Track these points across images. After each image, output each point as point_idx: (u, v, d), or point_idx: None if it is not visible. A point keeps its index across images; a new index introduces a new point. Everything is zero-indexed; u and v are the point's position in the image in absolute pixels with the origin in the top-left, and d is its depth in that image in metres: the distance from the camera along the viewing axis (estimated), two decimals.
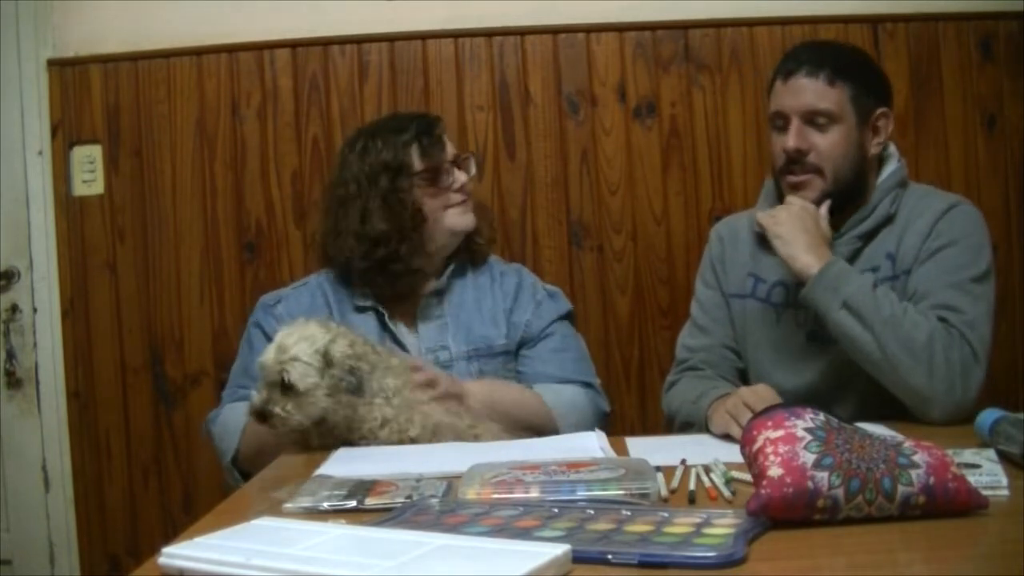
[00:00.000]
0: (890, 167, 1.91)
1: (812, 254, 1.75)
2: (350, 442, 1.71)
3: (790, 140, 1.83)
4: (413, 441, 1.72)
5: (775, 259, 1.86)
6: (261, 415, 1.67)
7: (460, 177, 2.05)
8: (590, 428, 1.79)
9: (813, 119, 1.82)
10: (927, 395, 1.67)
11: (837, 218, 1.85)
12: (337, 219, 2.05)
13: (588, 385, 2.07)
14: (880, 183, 1.89)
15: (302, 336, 1.68)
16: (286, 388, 1.65)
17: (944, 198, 1.89)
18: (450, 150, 2.07)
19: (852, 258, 1.85)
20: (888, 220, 1.86)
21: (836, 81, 1.81)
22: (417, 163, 2.02)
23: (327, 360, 1.67)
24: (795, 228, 1.77)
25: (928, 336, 1.68)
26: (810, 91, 1.82)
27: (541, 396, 1.98)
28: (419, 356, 1.98)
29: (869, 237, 1.86)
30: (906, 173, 1.92)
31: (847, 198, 1.85)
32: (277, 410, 1.65)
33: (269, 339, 1.83)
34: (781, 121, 1.86)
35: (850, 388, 1.81)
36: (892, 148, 1.93)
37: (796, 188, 1.86)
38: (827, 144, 1.82)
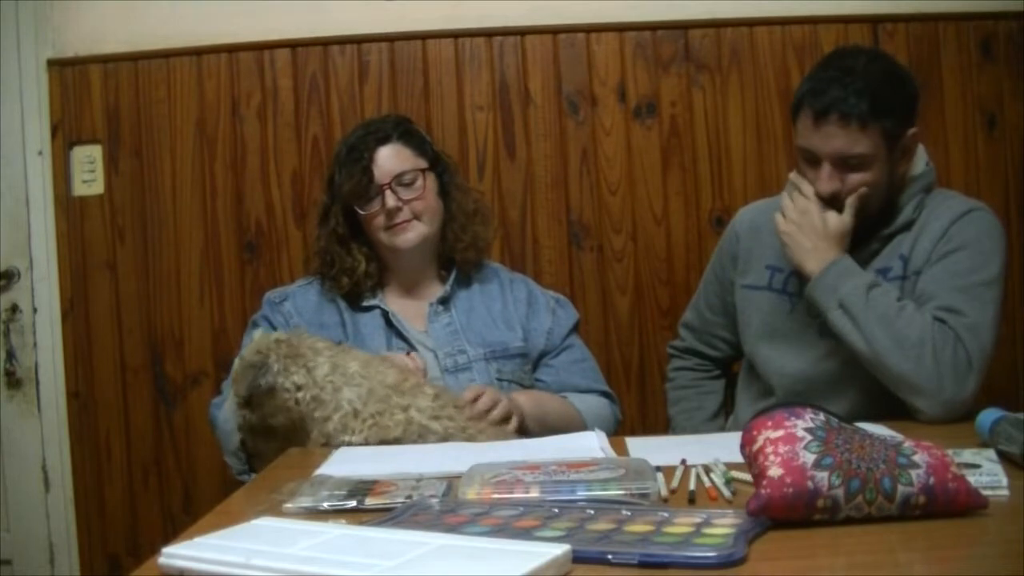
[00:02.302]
0: (917, 170, 1.88)
1: (816, 256, 1.77)
2: (327, 436, 1.72)
3: (823, 185, 1.78)
4: (397, 441, 1.72)
5: None
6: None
7: (389, 201, 2.00)
8: (610, 435, 1.81)
9: (845, 161, 1.77)
10: (916, 388, 1.68)
11: (864, 226, 1.84)
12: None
13: (606, 394, 2.13)
14: (906, 187, 1.87)
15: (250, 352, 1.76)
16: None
17: (962, 203, 1.88)
18: (387, 170, 2.01)
19: (870, 259, 1.85)
20: (908, 225, 1.85)
21: (869, 124, 1.74)
22: (346, 185, 2.02)
23: (234, 376, 1.74)
24: (801, 231, 1.79)
25: (920, 334, 1.69)
26: (842, 139, 1.75)
27: (576, 406, 2.02)
28: (433, 358, 1.99)
29: (888, 240, 1.85)
30: (933, 178, 1.90)
31: (877, 217, 1.84)
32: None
33: (277, 331, 1.90)
34: (811, 156, 1.80)
35: (856, 380, 1.81)
36: (920, 151, 1.90)
37: None
38: (861, 181, 1.78)
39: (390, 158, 2.03)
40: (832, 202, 1.81)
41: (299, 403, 1.71)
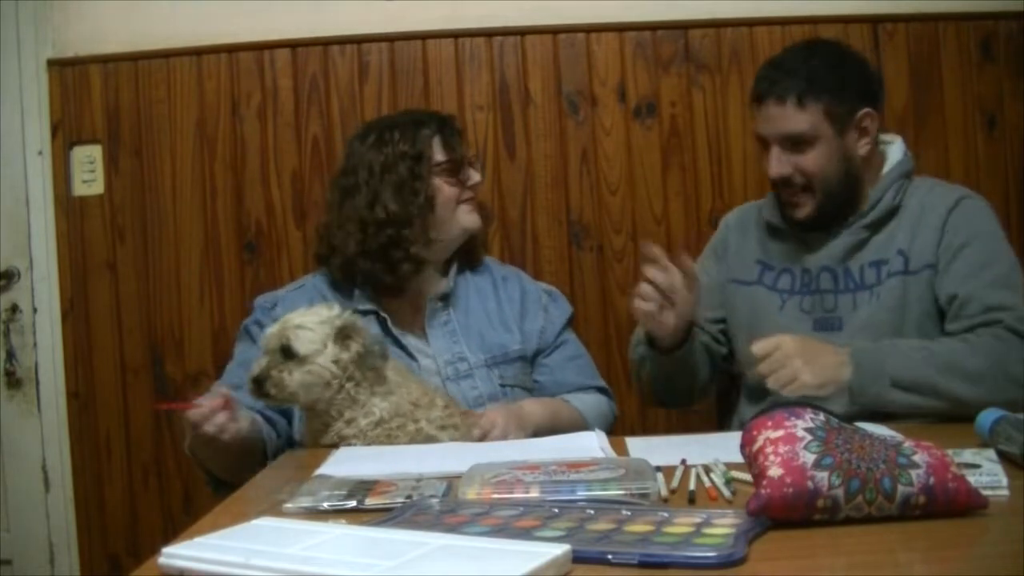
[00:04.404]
0: (895, 157, 1.91)
1: (832, 367, 1.67)
2: (341, 437, 1.72)
3: (772, 168, 1.86)
4: None
5: (784, 246, 1.92)
6: (257, 382, 1.68)
7: (474, 176, 2.07)
8: (610, 432, 1.82)
9: (791, 142, 1.83)
10: (1013, 403, 1.60)
11: (836, 219, 1.88)
12: (342, 209, 2.02)
13: (603, 390, 2.11)
14: (885, 174, 1.89)
15: (308, 311, 1.73)
16: (288, 355, 1.67)
17: (950, 191, 1.90)
18: (464, 148, 2.09)
19: (857, 248, 1.85)
20: (893, 212, 1.86)
21: (805, 102, 1.80)
22: (439, 154, 2.02)
23: (344, 332, 1.70)
24: (804, 355, 1.66)
25: (987, 359, 1.66)
26: (781, 118, 1.82)
27: (580, 409, 2.00)
28: (433, 365, 1.97)
29: (875, 227, 1.86)
30: (912, 165, 1.92)
31: (843, 202, 1.87)
32: (274, 373, 1.67)
33: None
34: (763, 142, 1.88)
35: None
36: (898, 140, 1.94)
37: (792, 207, 1.89)
38: (810, 164, 1.83)
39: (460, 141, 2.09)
40: (785, 186, 1.85)
41: (332, 388, 1.69)
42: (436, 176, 2.01)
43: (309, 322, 1.69)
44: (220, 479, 1.83)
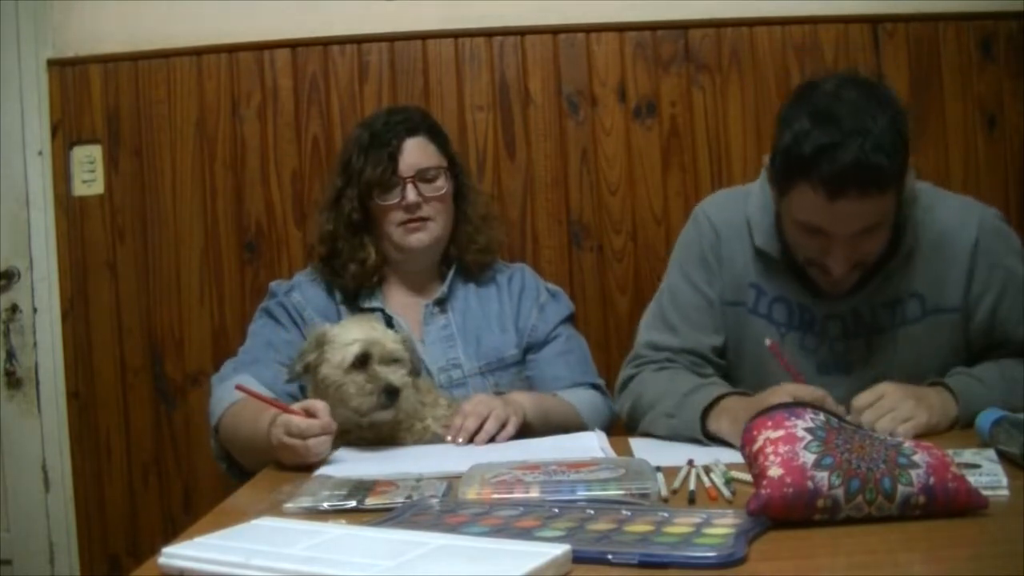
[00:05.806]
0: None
1: (939, 405, 1.58)
2: (356, 439, 1.72)
3: (839, 267, 1.60)
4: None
5: (779, 279, 1.74)
6: (396, 392, 1.66)
7: (410, 195, 1.96)
8: (606, 429, 1.81)
9: (865, 232, 1.57)
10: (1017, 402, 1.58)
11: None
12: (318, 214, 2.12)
13: (596, 387, 2.07)
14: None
15: (379, 328, 1.76)
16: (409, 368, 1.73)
17: (964, 213, 1.73)
18: (411, 163, 1.98)
19: (875, 293, 1.70)
20: (909, 253, 1.69)
21: (888, 185, 1.52)
22: (367, 171, 1.97)
23: (407, 345, 1.74)
24: (915, 400, 1.56)
25: None
26: (862, 214, 1.53)
27: (572, 403, 1.95)
28: (426, 372, 1.96)
29: (892, 272, 1.70)
30: (914, 182, 1.68)
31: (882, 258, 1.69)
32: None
33: (291, 318, 1.95)
34: (815, 229, 1.59)
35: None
36: None
37: (831, 284, 1.68)
38: (876, 247, 1.62)
39: (416, 151, 1.99)
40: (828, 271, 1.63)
41: None
42: (366, 195, 1.98)
43: (398, 339, 1.74)
44: (241, 467, 1.85)
